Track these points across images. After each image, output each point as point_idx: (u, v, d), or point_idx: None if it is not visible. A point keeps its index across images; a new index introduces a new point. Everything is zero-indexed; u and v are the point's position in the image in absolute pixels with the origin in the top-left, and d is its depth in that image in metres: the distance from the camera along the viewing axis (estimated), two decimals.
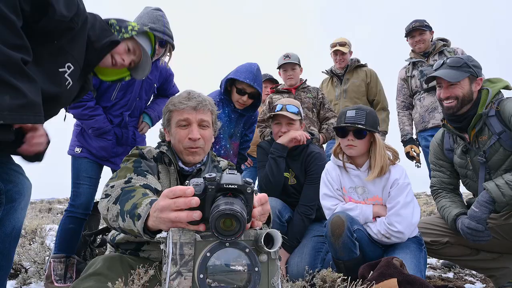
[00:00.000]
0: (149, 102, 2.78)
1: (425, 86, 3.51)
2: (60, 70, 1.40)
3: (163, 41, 2.36)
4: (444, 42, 3.69)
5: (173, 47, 2.46)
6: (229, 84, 2.82)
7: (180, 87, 2.94)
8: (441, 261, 3.10)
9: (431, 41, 3.69)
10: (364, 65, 4.11)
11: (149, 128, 2.73)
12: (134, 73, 1.89)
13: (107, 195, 1.29)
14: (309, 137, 2.71)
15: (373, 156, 2.14)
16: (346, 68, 4.06)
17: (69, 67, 1.43)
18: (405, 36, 3.80)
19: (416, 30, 3.65)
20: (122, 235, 1.48)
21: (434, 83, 3.42)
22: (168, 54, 2.47)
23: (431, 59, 3.62)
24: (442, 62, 2.25)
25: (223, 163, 1.86)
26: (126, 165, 1.50)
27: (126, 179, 1.37)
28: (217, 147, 2.89)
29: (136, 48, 1.79)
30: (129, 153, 1.61)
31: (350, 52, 4.05)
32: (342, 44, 3.96)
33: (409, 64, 3.77)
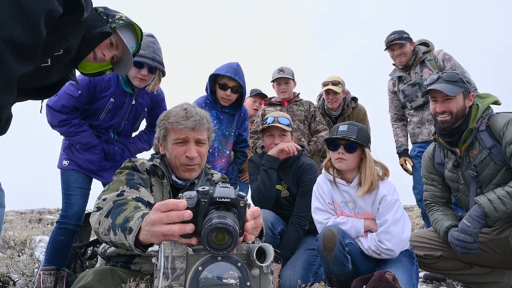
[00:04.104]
0: (139, 126, 2.80)
1: (409, 105, 3.51)
2: (55, 54, 1.35)
3: (152, 67, 2.38)
4: (426, 48, 3.54)
5: (163, 74, 2.49)
6: (213, 84, 2.91)
7: (174, 89, 2.97)
8: (423, 273, 3.02)
9: (413, 50, 3.53)
10: (356, 104, 3.92)
11: None
12: (116, 68, 1.78)
13: (99, 208, 1.28)
14: (300, 148, 2.73)
15: (363, 172, 2.13)
16: (339, 110, 3.84)
17: (59, 52, 1.37)
18: (385, 49, 3.65)
19: (396, 44, 3.50)
20: (113, 248, 1.46)
21: (419, 102, 3.41)
22: (158, 80, 2.48)
23: (412, 72, 3.51)
24: (437, 76, 2.28)
25: (217, 176, 1.86)
26: (118, 178, 1.48)
27: (119, 192, 1.36)
28: (210, 150, 2.90)
29: (118, 43, 1.68)
30: (122, 165, 1.59)
31: (344, 92, 3.78)
32: (335, 83, 3.69)
33: (393, 78, 3.71)
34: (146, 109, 2.67)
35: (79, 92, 2.33)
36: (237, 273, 0.86)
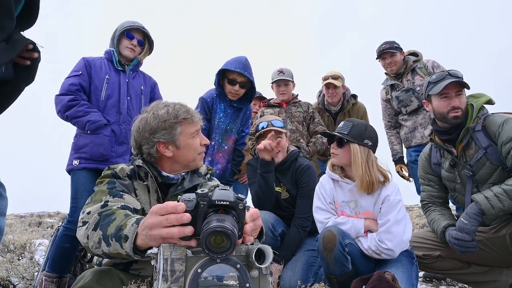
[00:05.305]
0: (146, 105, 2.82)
1: (404, 110, 3.57)
2: None
3: (140, 41, 2.66)
4: (415, 58, 3.67)
5: (151, 48, 2.77)
6: (221, 78, 2.91)
7: (173, 89, 3.09)
8: (422, 272, 3.03)
9: (403, 59, 3.66)
10: (356, 101, 3.97)
11: None
12: None
13: (84, 223, 1.24)
14: (296, 149, 2.75)
15: (352, 167, 2.14)
16: (339, 105, 3.88)
17: None
18: (376, 59, 3.77)
19: (387, 53, 3.62)
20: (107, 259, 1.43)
21: (414, 106, 3.43)
22: (148, 52, 2.77)
23: (404, 79, 3.60)
24: (445, 74, 2.28)
25: (203, 168, 1.81)
26: (100, 188, 1.43)
27: (102, 203, 1.32)
28: (212, 143, 2.91)
29: None
30: (102, 174, 1.54)
31: (343, 87, 3.83)
32: (335, 77, 3.75)
33: (386, 87, 3.78)
34: (142, 88, 2.74)
35: (80, 72, 2.51)
36: (236, 274, 0.87)
